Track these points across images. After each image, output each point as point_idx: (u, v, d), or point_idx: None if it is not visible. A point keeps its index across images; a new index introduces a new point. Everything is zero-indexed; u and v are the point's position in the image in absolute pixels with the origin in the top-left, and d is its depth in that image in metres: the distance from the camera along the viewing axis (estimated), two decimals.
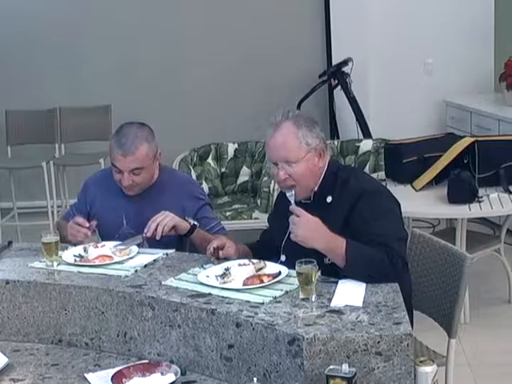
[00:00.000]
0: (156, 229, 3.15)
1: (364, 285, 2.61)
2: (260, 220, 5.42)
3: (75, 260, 3.05)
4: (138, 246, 3.17)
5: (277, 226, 3.03)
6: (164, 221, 3.16)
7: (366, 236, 2.72)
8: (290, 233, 2.88)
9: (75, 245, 3.22)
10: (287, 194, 2.85)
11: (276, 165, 2.86)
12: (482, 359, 4.14)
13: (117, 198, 3.39)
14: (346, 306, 2.47)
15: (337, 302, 2.50)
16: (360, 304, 2.47)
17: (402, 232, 2.84)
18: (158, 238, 3.16)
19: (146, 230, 3.17)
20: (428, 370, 2.36)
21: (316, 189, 2.90)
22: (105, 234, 3.37)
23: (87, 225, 3.27)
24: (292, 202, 2.80)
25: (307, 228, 2.67)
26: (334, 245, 2.67)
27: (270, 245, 3.03)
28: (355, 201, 2.79)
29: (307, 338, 2.28)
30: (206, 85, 6.77)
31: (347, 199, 2.81)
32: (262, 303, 2.53)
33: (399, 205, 2.91)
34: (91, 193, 3.50)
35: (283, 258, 2.92)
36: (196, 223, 3.26)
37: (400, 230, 2.82)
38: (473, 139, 4.88)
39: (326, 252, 2.68)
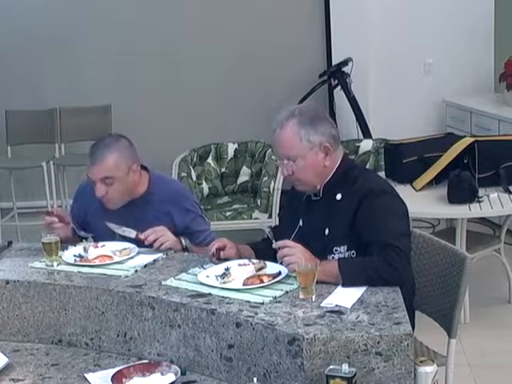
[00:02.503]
0: (154, 241, 3.17)
1: (363, 287, 2.60)
2: (260, 220, 5.42)
3: (75, 260, 3.05)
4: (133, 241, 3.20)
5: (286, 219, 3.09)
6: (163, 239, 3.17)
7: (368, 235, 2.73)
8: (299, 227, 2.94)
9: (75, 245, 3.23)
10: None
11: (282, 161, 2.90)
12: (481, 359, 4.14)
13: (108, 208, 3.37)
14: (336, 305, 2.48)
15: (328, 301, 2.51)
16: (349, 306, 2.47)
17: (406, 229, 2.84)
18: (148, 247, 3.18)
19: (143, 237, 3.19)
20: (428, 370, 2.36)
21: (322, 186, 2.91)
22: (100, 241, 3.33)
23: (50, 217, 3.34)
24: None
25: (306, 254, 2.69)
26: (327, 266, 2.68)
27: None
28: (361, 201, 2.80)
29: (307, 338, 2.28)
30: (205, 85, 6.77)
31: (354, 198, 2.82)
32: (262, 303, 2.53)
33: (406, 206, 2.92)
34: (85, 201, 3.47)
35: (301, 222, 2.92)
36: (189, 245, 3.26)
37: (403, 227, 2.82)
38: (473, 139, 4.88)
39: (322, 275, 2.63)
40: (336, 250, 2.82)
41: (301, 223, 2.97)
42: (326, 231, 2.86)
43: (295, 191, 3.03)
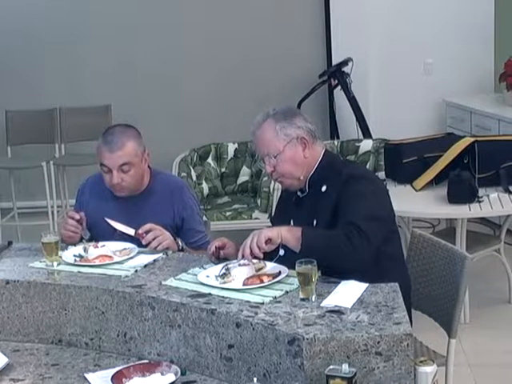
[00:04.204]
0: (151, 240, 3.19)
1: (363, 287, 2.60)
2: (260, 220, 5.42)
3: (75, 260, 3.05)
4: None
5: (278, 220, 3.12)
6: (161, 238, 3.19)
7: (340, 217, 2.81)
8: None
9: (75, 245, 3.23)
10: None
11: (263, 161, 3.00)
12: (482, 359, 4.15)
13: (108, 202, 3.40)
14: (336, 306, 2.48)
15: (328, 301, 2.51)
16: (349, 306, 2.47)
17: (377, 212, 2.85)
18: (146, 247, 3.19)
19: (140, 232, 3.20)
20: (428, 370, 2.36)
21: (307, 180, 2.98)
22: (99, 238, 3.32)
23: (77, 217, 3.30)
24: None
25: (260, 230, 2.81)
26: (294, 228, 2.80)
27: None
28: (342, 186, 2.87)
29: (307, 338, 2.28)
30: (206, 85, 6.77)
31: (337, 186, 2.88)
32: (262, 303, 2.53)
33: (386, 195, 2.97)
34: (84, 200, 3.50)
35: (282, 252, 2.94)
36: (185, 247, 3.29)
37: (374, 210, 2.84)
38: (473, 139, 4.88)
39: (287, 232, 2.77)
40: (324, 231, 2.84)
41: (291, 223, 3.00)
42: (314, 222, 2.91)
43: (286, 194, 3.11)
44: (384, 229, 2.87)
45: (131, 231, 3.24)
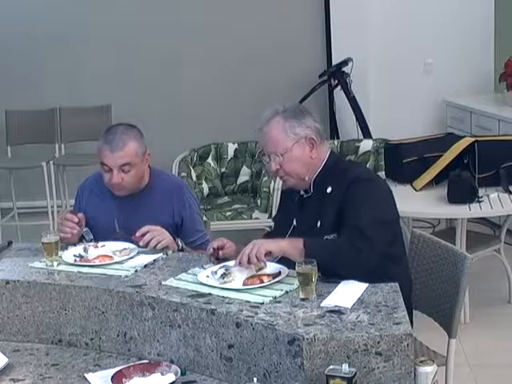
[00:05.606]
0: (150, 240, 3.17)
1: (363, 287, 2.60)
2: (260, 220, 5.42)
3: (75, 260, 3.05)
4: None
5: (281, 220, 3.12)
6: (160, 237, 3.17)
7: (345, 221, 2.79)
8: (293, 227, 2.96)
9: (75, 245, 3.23)
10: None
11: (269, 158, 2.96)
12: (482, 359, 4.14)
13: (108, 201, 3.40)
14: (336, 306, 2.48)
15: (328, 301, 2.51)
16: (349, 306, 2.47)
17: (382, 216, 2.84)
18: (145, 248, 3.18)
19: (138, 235, 3.18)
20: (428, 369, 2.36)
21: (312, 181, 2.96)
22: (99, 237, 3.31)
23: (76, 220, 3.30)
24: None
25: (261, 241, 2.78)
26: (295, 241, 2.76)
27: None
28: (347, 187, 2.85)
29: (307, 338, 2.28)
30: (205, 85, 6.77)
31: (342, 187, 2.87)
32: (262, 303, 2.53)
33: (391, 198, 2.96)
34: (84, 199, 3.50)
35: None
36: (184, 247, 3.28)
37: (380, 213, 2.83)
38: (473, 139, 4.88)
39: (288, 245, 2.74)
40: (326, 240, 2.83)
41: (295, 223, 3.00)
42: (318, 223, 2.90)
43: (288, 193, 3.10)
44: (389, 232, 2.86)
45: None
